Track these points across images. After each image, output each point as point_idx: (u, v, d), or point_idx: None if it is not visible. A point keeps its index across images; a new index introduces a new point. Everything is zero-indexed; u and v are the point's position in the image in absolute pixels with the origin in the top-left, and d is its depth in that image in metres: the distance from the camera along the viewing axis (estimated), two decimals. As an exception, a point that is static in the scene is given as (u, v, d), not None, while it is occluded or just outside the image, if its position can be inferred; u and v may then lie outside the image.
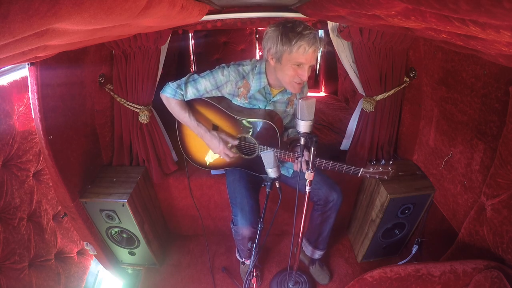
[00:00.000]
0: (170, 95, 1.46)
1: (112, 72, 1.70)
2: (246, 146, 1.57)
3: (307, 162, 1.28)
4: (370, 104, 1.75)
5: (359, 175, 1.42)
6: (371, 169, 1.41)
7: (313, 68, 3.37)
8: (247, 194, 1.53)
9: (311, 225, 1.77)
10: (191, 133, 1.59)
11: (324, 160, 1.41)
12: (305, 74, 1.28)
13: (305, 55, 1.24)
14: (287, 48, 1.23)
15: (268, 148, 1.49)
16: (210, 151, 1.62)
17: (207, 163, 1.69)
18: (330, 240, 1.82)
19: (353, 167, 1.41)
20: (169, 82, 1.47)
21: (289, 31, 1.23)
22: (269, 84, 1.47)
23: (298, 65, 1.27)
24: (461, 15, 0.41)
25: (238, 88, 1.47)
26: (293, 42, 1.21)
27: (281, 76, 1.36)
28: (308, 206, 1.35)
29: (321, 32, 3.16)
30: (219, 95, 1.50)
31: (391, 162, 1.43)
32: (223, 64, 1.47)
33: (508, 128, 1.11)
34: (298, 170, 1.35)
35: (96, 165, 1.81)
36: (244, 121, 1.50)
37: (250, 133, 1.53)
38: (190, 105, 1.53)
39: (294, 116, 1.66)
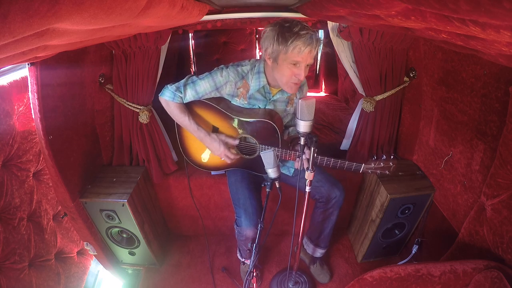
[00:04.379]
0: (169, 98, 1.45)
1: (112, 72, 1.70)
2: (247, 146, 1.57)
3: (308, 160, 1.27)
4: (370, 104, 1.75)
5: (360, 171, 1.41)
6: (373, 165, 1.40)
7: (312, 68, 3.43)
8: (250, 195, 1.52)
9: (313, 223, 1.76)
10: (191, 135, 1.59)
11: (326, 158, 1.40)
12: (301, 73, 1.28)
13: (301, 54, 1.23)
14: (283, 48, 1.23)
15: (269, 147, 1.49)
16: (209, 151, 1.62)
17: (207, 164, 1.69)
18: (330, 239, 1.82)
19: (354, 164, 1.40)
20: (168, 85, 1.46)
21: (286, 31, 1.22)
22: (268, 83, 1.46)
23: (294, 64, 1.27)
24: (461, 15, 0.41)
25: (238, 89, 1.47)
26: (289, 42, 1.21)
27: (278, 76, 1.35)
28: (308, 206, 1.35)
29: (321, 32, 3.17)
30: (218, 96, 1.50)
31: (392, 157, 1.42)
32: (222, 65, 1.46)
33: (508, 128, 1.11)
34: (299, 168, 1.34)
35: (96, 165, 1.81)
36: (243, 121, 1.50)
37: (250, 133, 1.53)
38: (189, 107, 1.51)
39: (294, 115, 1.66)
